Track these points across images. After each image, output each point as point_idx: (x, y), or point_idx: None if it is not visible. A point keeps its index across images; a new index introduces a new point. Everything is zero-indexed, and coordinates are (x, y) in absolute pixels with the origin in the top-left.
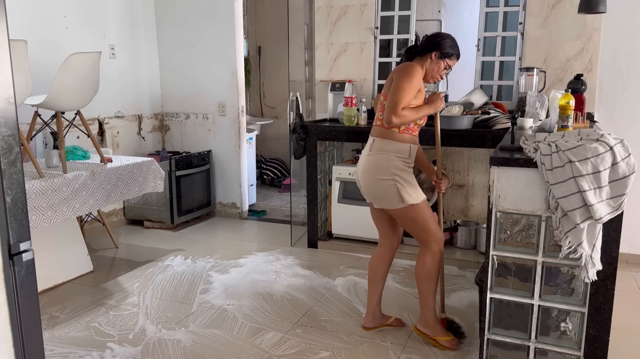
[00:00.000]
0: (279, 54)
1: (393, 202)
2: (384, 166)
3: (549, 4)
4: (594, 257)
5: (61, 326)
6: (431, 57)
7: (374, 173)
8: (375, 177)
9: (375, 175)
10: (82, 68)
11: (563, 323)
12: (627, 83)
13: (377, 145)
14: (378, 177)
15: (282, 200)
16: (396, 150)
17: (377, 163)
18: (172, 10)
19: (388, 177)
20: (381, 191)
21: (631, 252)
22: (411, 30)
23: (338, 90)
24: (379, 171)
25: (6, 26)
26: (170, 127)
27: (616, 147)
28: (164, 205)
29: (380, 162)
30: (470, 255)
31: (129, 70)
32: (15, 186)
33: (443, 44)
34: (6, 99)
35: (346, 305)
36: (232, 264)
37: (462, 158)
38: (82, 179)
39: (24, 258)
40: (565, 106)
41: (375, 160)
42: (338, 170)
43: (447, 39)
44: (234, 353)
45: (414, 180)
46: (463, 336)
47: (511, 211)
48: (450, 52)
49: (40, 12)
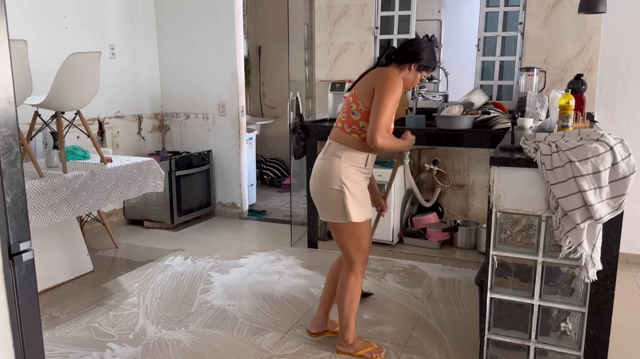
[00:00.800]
0: (279, 54)
1: (333, 215)
2: (334, 174)
3: (549, 4)
4: (594, 257)
5: (61, 326)
6: (409, 68)
7: (323, 180)
8: (323, 185)
9: (324, 182)
10: (82, 68)
11: (563, 323)
12: (627, 83)
13: (332, 149)
14: (327, 185)
15: (282, 200)
16: (351, 158)
17: (328, 170)
18: (172, 10)
19: (336, 186)
20: (326, 200)
21: (631, 252)
22: (411, 30)
23: (338, 90)
24: (329, 179)
25: (6, 26)
26: (170, 127)
27: (616, 147)
28: (164, 205)
29: (332, 169)
30: (470, 255)
31: (129, 70)
32: (15, 186)
33: (423, 56)
34: (6, 99)
35: None
36: (232, 264)
37: (462, 158)
38: (82, 179)
39: (24, 258)
40: (565, 106)
41: (327, 166)
42: None
43: (426, 50)
44: (234, 353)
45: (366, 194)
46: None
47: (511, 211)
48: (429, 66)
49: (40, 12)
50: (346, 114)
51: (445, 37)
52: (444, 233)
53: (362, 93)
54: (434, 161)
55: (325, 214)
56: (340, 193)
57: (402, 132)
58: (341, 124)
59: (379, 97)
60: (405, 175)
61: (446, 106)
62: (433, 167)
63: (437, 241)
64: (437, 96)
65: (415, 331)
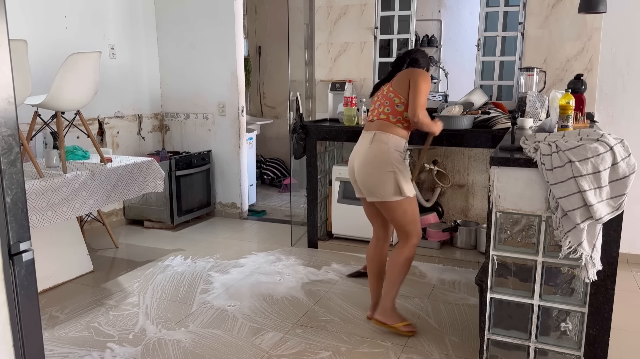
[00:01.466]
0: (279, 53)
1: (389, 194)
2: (386, 158)
3: (549, 4)
4: (594, 257)
5: (61, 326)
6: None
7: (375, 165)
8: (376, 168)
9: (377, 166)
10: (82, 68)
11: (563, 323)
12: (627, 83)
13: (378, 138)
14: (380, 169)
15: (282, 200)
16: (396, 144)
17: (380, 155)
18: (172, 10)
19: (390, 169)
20: (381, 183)
21: (631, 252)
22: (411, 30)
23: (338, 90)
24: (382, 163)
25: (6, 26)
26: (170, 126)
27: (616, 147)
28: (164, 205)
29: (383, 154)
30: (470, 255)
31: (129, 70)
32: (15, 186)
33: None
34: (6, 99)
35: (346, 305)
36: (232, 264)
37: (462, 158)
38: (82, 179)
39: (24, 258)
40: (565, 106)
41: (378, 153)
42: (338, 170)
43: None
44: (234, 353)
45: (409, 173)
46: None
47: (511, 211)
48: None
49: (40, 12)
50: (390, 107)
51: (445, 37)
52: (444, 233)
53: (402, 89)
54: (434, 161)
55: (380, 195)
56: (394, 174)
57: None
58: (385, 116)
59: (415, 84)
60: None
61: (446, 106)
62: (433, 167)
63: (437, 241)
64: (437, 96)
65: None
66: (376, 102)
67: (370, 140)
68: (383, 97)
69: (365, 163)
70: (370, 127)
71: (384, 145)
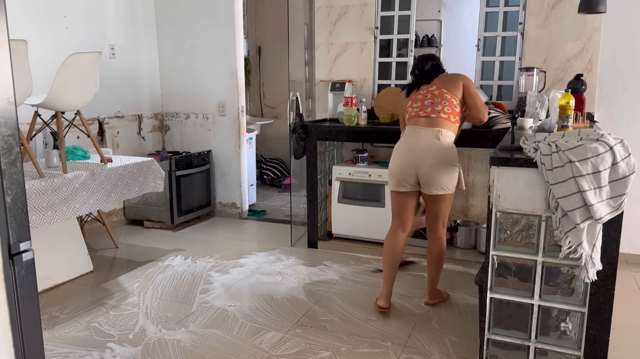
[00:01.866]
0: (279, 53)
1: (453, 187)
2: (454, 154)
3: (549, 4)
4: (594, 257)
5: (61, 326)
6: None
7: (448, 160)
8: (448, 163)
9: (449, 161)
10: (82, 68)
11: (563, 323)
12: (627, 83)
13: (445, 135)
14: (451, 163)
15: (282, 200)
16: (454, 142)
17: (450, 151)
18: (172, 10)
19: (457, 163)
20: (449, 177)
21: (631, 252)
22: (411, 30)
23: (338, 90)
24: (452, 158)
25: (6, 26)
26: (170, 127)
27: (616, 147)
28: (164, 205)
29: (452, 150)
30: (470, 255)
31: (129, 70)
32: (15, 186)
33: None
34: (6, 99)
35: (346, 305)
36: (232, 264)
37: (462, 158)
38: (82, 179)
39: (24, 258)
40: (565, 106)
41: (449, 148)
42: (338, 170)
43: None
44: (234, 353)
45: None
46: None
47: (511, 211)
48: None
49: (40, 12)
50: (450, 107)
51: (445, 37)
52: None
53: (456, 91)
54: None
55: (446, 188)
56: (458, 169)
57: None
58: (446, 115)
59: (473, 89)
60: None
61: None
62: None
63: None
64: None
65: (415, 331)
66: (425, 100)
67: (437, 136)
68: (437, 97)
69: (437, 158)
70: (430, 124)
71: (449, 142)
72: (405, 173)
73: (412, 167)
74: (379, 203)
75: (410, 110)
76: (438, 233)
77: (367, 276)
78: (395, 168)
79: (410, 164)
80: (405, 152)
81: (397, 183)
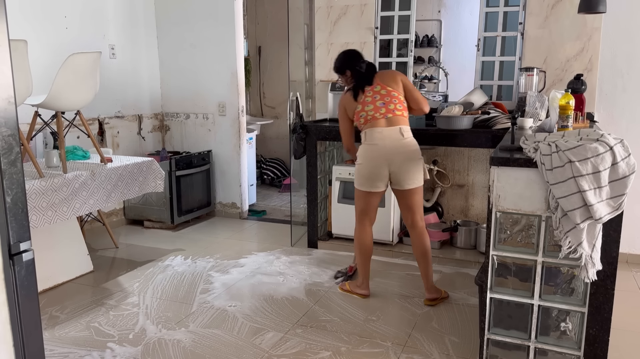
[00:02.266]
0: (279, 53)
1: (422, 178)
2: (417, 148)
3: (549, 4)
4: (594, 257)
5: (61, 326)
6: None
7: (414, 155)
8: (415, 158)
9: (415, 155)
10: (82, 68)
11: (563, 323)
12: (627, 83)
13: (406, 131)
14: (417, 157)
15: (282, 200)
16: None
17: (414, 146)
18: (172, 10)
19: (419, 156)
20: (418, 170)
21: (631, 252)
22: (411, 30)
23: (338, 90)
24: (416, 152)
25: (6, 26)
26: (170, 127)
27: (616, 147)
28: (164, 205)
29: (415, 145)
30: (470, 255)
31: (129, 70)
32: (15, 186)
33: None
34: (6, 99)
35: (346, 305)
36: (232, 264)
37: (462, 158)
38: (82, 179)
39: (24, 258)
40: (565, 106)
41: (412, 143)
42: (338, 170)
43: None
44: (234, 353)
45: None
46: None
47: (511, 211)
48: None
49: (40, 12)
50: (401, 104)
51: (445, 37)
52: (443, 233)
53: (397, 87)
54: (434, 161)
55: (418, 180)
56: (422, 161)
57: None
58: (400, 112)
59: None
60: None
61: (446, 106)
62: (433, 167)
63: (437, 241)
64: (437, 96)
65: (415, 331)
66: (377, 102)
67: (401, 134)
68: (386, 96)
69: (406, 154)
70: (390, 123)
71: (412, 138)
72: (379, 174)
73: (384, 166)
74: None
75: (365, 114)
76: (418, 227)
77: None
78: (369, 170)
79: (382, 165)
80: (375, 153)
81: (370, 185)
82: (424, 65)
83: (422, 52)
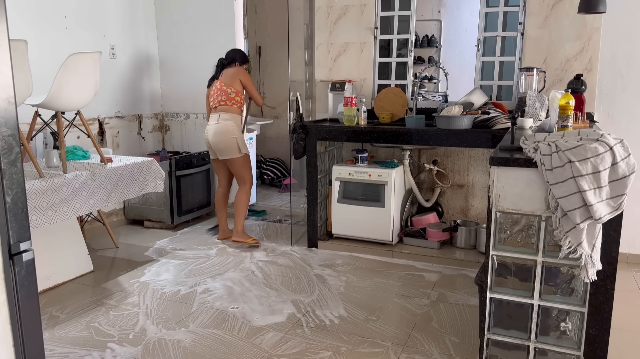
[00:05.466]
0: (279, 53)
1: (233, 152)
2: (229, 129)
3: (549, 4)
4: (594, 257)
5: (61, 326)
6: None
7: (223, 134)
8: (224, 136)
9: (224, 135)
10: (82, 68)
11: (563, 323)
12: (627, 83)
13: (223, 117)
14: (226, 136)
15: (282, 200)
16: (235, 119)
17: (225, 128)
18: (172, 11)
19: (232, 136)
20: (227, 146)
21: (631, 252)
22: (411, 30)
23: (338, 90)
24: (227, 132)
25: (6, 26)
26: (171, 127)
27: (616, 147)
28: (164, 205)
29: (227, 127)
30: (470, 255)
31: (129, 70)
32: (16, 186)
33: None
34: (6, 99)
35: (346, 305)
36: (232, 264)
37: (462, 158)
38: (82, 179)
39: (24, 258)
40: (565, 106)
41: (224, 126)
42: (338, 170)
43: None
44: (234, 353)
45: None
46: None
47: (511, 211)
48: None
49: (40, 12)
50: (225, 96)
51: (445, 37)
52: (443, 233)
53: (231, 84)
54: (434, 161)
55: (226, 154)
56: (236, 139)
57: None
58: (224, 103)
59: (247, 81)
60: (405, 175)
61: (446, 106)
62: (433, 167)
63: (437, 241)
64: (437, 96)
65: (415, 331)
66: (214, 95)
67: (217, 119)
68: (219, 91)
69: (215, 134)
70: (217, 109)
71: (227, 121)
72: (207, 146)
73: (207, 142)
74: (378, 203)
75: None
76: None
77: (368, 276)
78: (206, 143)
79: (206, 141)
80: (207, 131)
81: (210, 153)
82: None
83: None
